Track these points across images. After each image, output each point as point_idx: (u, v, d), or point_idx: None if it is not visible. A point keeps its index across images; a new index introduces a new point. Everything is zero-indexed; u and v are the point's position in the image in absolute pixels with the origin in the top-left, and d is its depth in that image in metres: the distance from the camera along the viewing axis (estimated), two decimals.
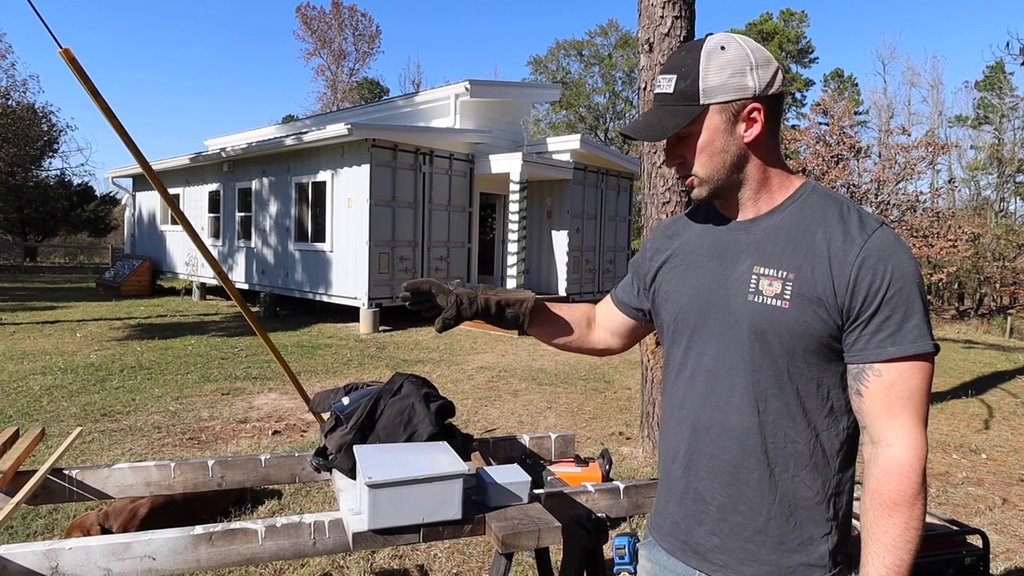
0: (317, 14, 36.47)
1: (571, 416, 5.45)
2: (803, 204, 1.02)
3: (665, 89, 1.03)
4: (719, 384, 1.04)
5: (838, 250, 0.95)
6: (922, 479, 0.92)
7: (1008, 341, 13.76)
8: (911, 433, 0.93)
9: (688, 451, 1.08)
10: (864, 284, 0.93)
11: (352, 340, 9.07)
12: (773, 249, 1.01)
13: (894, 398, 0.93)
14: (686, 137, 1.03)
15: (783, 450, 1.00)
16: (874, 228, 0.96)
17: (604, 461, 3.08)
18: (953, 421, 5.64)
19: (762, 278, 1.00)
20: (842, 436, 1.01)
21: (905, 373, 0.93)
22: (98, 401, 5.43)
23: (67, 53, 1.75)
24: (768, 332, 0.98)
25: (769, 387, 1.00)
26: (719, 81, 0.99)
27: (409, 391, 1.58)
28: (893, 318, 0.93)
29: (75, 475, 1.64)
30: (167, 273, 15.50)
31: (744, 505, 1.02)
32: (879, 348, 0.94)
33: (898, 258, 0.94)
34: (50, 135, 24.85)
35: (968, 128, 32.48)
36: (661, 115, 1.03)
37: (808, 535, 1.00)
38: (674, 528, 1.10)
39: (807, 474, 1.00)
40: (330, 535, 1.33)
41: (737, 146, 1.01)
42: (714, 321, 1.05)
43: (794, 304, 0.96)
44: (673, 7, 4.14)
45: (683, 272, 1.12)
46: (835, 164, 18.14)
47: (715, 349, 1.04)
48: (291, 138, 11.03)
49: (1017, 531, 3.43)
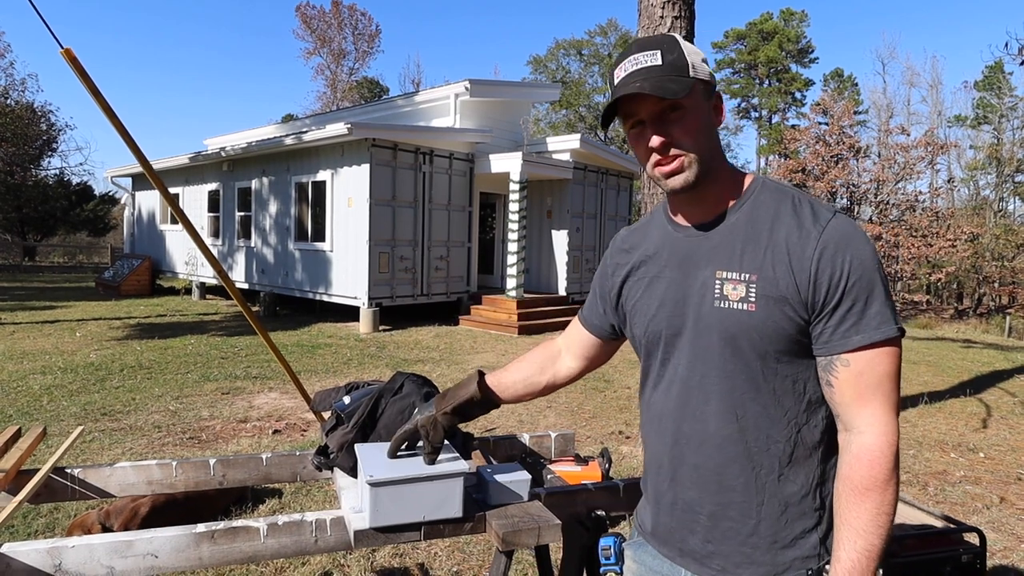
0: (317, 13, 36.46)
1: (571, 415, 5.45)
2: (756, 202, 1.02)
3: (652, 62, 0.97)
4: (693, 394, 1.04)
5: (796, 245, 0.95)
6: (893, 464, 0.93)
7: (1006, 340, 13.78)
8: (882, 420, 0.94)
9: (671, 463, 1.08)
10: (825, 277, 0.93)
11: (352, 339, 9.08)
12: (733, 252, 1.00)
13: (863, 386, 0.94)
14: (673, 111, 0.98)
15: (766, 452, 1.00)
16: (828, 218, 0.96)
17: (604, 460, 3.09)
18: (951, 420, 5.65)
19: (726, 282, 0.99)
20: (821, 426, 1.01)
21: (872, 360, 0.93)
22: (98, 400, 5.44)
23: (68, 53, 1.76)
24: (738, 337, 0.98)
25: (745, 392, 0.99)
26: (698, 61, 0.99)
27: (410, 390, 1.58)
28: (855, 307, 0.93)
29: (77, 474, 1.65)
30: (167, 273, 15.49)
31: (733, 511, 1.02)
32: (844, 338, 0.94)
33: (855, 246, 0.94)
34: (49, 134, 24.82)
35: (967, 128, 32.50)
36: (659, 81, 0.95)
37: (800, 529, 1.01)
38: (668, 536, 1.11)
39: (791, 470, 1.00)
40: (332, 533, 1.33)
41: (715, 129, 1.02)
42: (684, 331, 1.04)
43: (760, 305, 0.96)
44: (673, 7, 4.15)
45: (647, 284, 1.11)
46: (835, 164, 18.15)
47: (687, 359, 1.04)
48: (291, 137, 11.03)
49: (1014, 529, 3.44)
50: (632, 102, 0.99)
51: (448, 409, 1.29)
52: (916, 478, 4.22)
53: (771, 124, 39.74)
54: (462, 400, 1.29)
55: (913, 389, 6.84)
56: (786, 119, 39.46)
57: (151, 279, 15.16)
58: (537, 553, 1.56)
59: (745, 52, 39.89)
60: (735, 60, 40.50)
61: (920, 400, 6.29)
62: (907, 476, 4.25)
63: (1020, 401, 6.49)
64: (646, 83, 0.96)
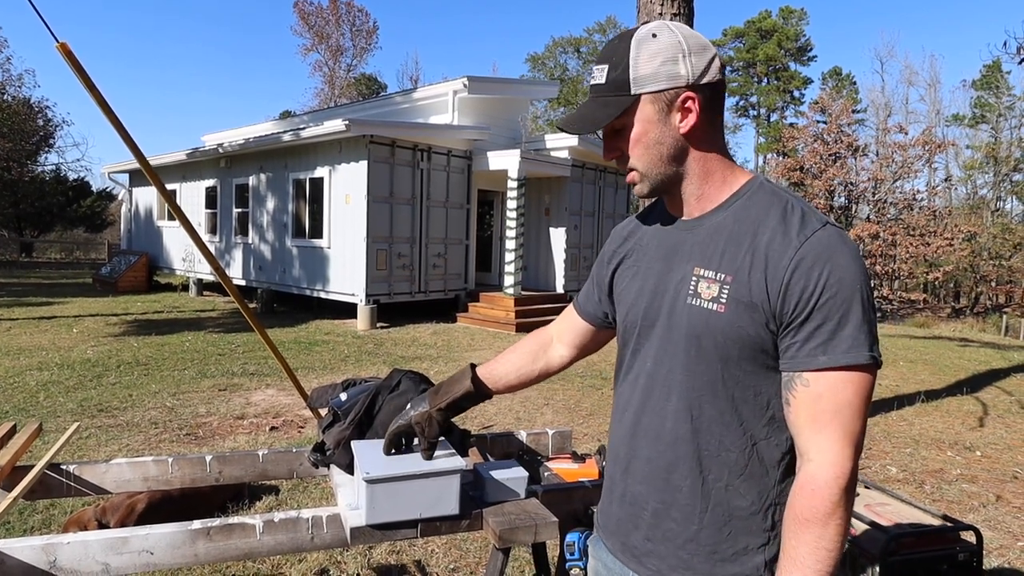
0: (315, 9, 36.31)
1: (568, 413, 5.46)
2: (747, 202, 0.98)
3: (598, 80, 0.98)
4: (657, 388, 1.02)
5: (775, 252, 0.91)
6: (839, 499, 0.86)
7: (1003, 339, 13.82)
8: (832, 449, 0.87)
9: (627, 454, 1.07)
10: (796, 289, 0.88)
11: (349, 336, 9.07)
12: (714, 250, 0.97)
13: (819, 411, 0.88)
14: (621, 129, 0.99)
15: (717, 457, 0.97)
16: (814, 229, 0.90)
17: (601, 457, 3.09)
18: (948, 418, 5.67)
19: (701, 280, 0.97)
20: (784, 447, 0.96)
21: (835, 385, 0.87)
22: (95, 397, 5.43)
23: (64, 48, 1.75)
24: (703, 336, 0.95)
25: (704, 393, 0.97)
26: (650, 70, 0.94)
27: (407, 387, 1.58)
28: (826, 326, 0.87)
29: (73, 470, 1.64)
30: (164, 269, 15.47)
31: (677, 512, 1.00)
32: (809, 357, 0.88)
33: (836, 261, 0.88)
34: (46, 130, 24.71)
35: (965, 127, 32.56)
36: (594, 107, 0.98)
37: (743, 545, 0.97)
38: (617, 528, 1.10)
39: (742, 483, 0.96)
40: (328, 530, 1.33)
41: (673, 137, 0.97)
42: (656, 324, 1.03)
43: (729, 308, 0.93)
44: (671, 4, 4.14)
45: (633, 273, 1.10)
46: (833, 162, 18.17)
47: (656, 352, 1.02)
48: (288, 134, 11.00)
49: (1010, 528, 3.45)
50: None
51: (443, 405, 1.29)
52: (913, 476, 4.23)
53: (769, 122, 39.77)
54: (456, 396, 1.29)
55: (910, 387, 6.85)
56: (784, 117, 39.50)
57: (148, 275, 15.14)
58: (534, 550, 1.56)
59: (744, 50, 39.89)
60: (734, 58, 40.49)
61: (917, 398, 6.31)
62: (904, 474, 4.26)
63: (1017, 400, 6.51)
64: (570, 117, 1.00)
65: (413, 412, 1.30)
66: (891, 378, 7.40)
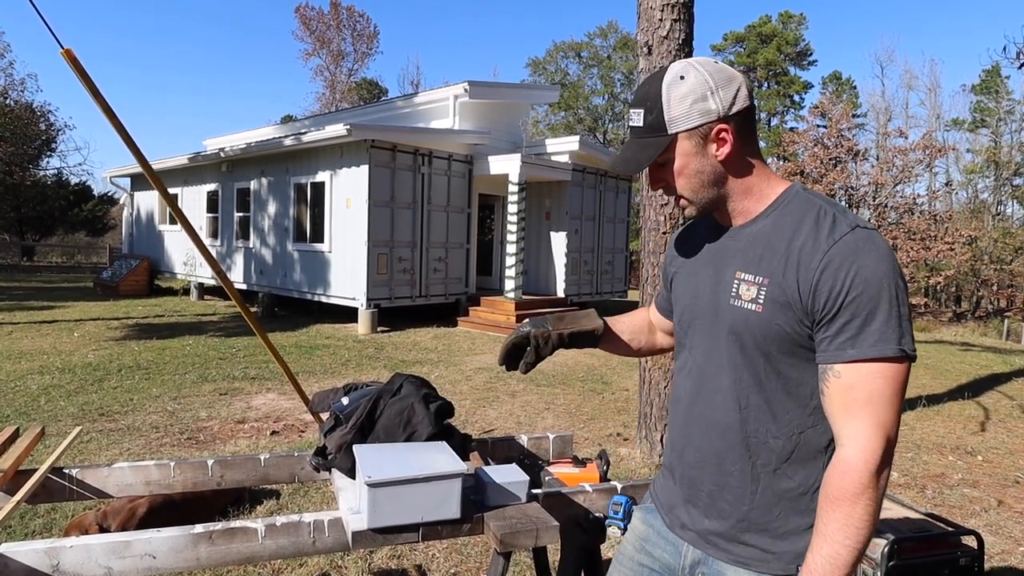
0: (316, 14, 36.45)
1: (569, 417, 5.45)
2: (784, 210, 1.07)
3: (636, 123, 1.09)
4: (708, 381, 1.12)
5: (807, 255, 0.99)
6: (868, 480, 0.93)
7: (1004, 344, 13.81)
8: (864, 435, 0.94)
9: (681, 441, 1.18)
10: (825, 289, 0.96)
11: (350, 340, 9.07)
12: (753, 255, 1.06)
13: (851, 400, 0.96)
14: (664, 164, 1.09)
15: (764, 444, 1.05)
16: (843, 232, 0.98)
17: (602, 462, 3.09)
18: (949, 423, 5.66)
19: (742, 283, 1.06)
20: (829, 434, 1.03)
21: (865, 376, 0.95)
22: (96, 401, 5.43)
23: (69, 54, 1.76)
24: (744, 334, 1.05)
25: (750, 385, 1.06)
26: (682, 111, 1.04)
27: (408, 391, 1.58)
28: (854, 322, 0.95)
29: (75, 474, 1.65)
30: (165, 273, 15.48)
31: (729, 494, 1.09)
32: (839, 350, 0.96)
33: (863, 262, 0.95)
34: (48, 134, 24.78)
35: (965, 131, 32.58)
36: (636, 148, 1.09)
37: (794, 525, 1.05)
38: (674, 507, 1.20)
39: (789, 467, 1.05)
40: (329, 534, 1.33)
41: (712, 165, 1.07)
42: (705, 322, 1.13)
43: (766, 308, 1.02)
44: (672, 10, 4.16)
45: (687, 277, 1.21)
46: (833, 167, 18.18)
47: (705, 348, 1.13)
48: (290, 138, 11.03)
49: (1012, 532, 3.45)
50: None
51: (566, 332, 1.31)
52: (914, 481, 4.22)
53: (770, 127, 39.81)
54: (584, 328, 1.32)
55: (911, 392, 6.85)
56: (785, 122, 39.53)
57: (149, 279, 15.15)
58: (535, 555, 1.56)
59: (744, 55, 39.97)
60: (734, 63, 40.56)
61: (919, 403, 6.30)
62: (905, 479, 4.25)
63: (1018, 404, 6.50)
64: (617, 160, 1.13)
65: (532, 327, 1.31)
66: None
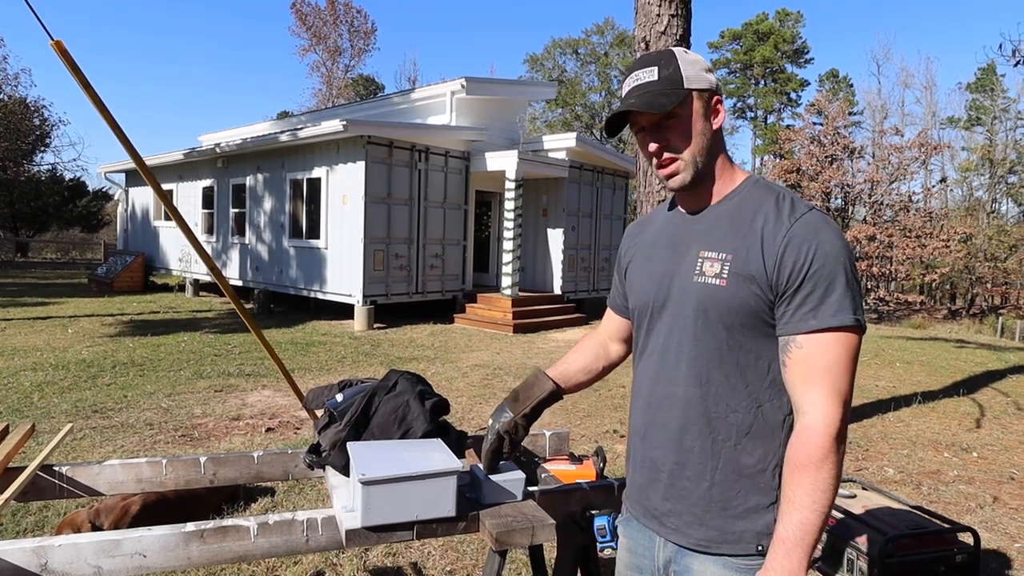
0: (312, 10, 36.24)
1: (565, 414, 5.45)
2: (745, 195, 1.12)
3: (649, 78, 1.10)
4: (669, 359, 1.14)
5: (769, 232, 1.05)
6: (831, 445, 0.96)
7: (999, 340, 13.86)
8: (823, 402, 0.98)
9: (644, 423, 1.19)
10: (789, 261, 1.01)
11: (346, 337, 9.05)
12: (717, 234, 1.11)
13: (811, 369, 0.99)
14: (669, 119, 1.10)
15: (725, 419, 1.08)
16: (802, 212, 1.05)
17: (598, 459, 3.08)
18: (945, 420, 5.67)
19: (705, 260, 1.10)
20: (785, 409, 1.07)
21: (823, 345, 0.99)
22: (89, 397, 5.40)
23: (59, 45, 1.73)
24: (709, 308, 1.08)
25: (711, 359, 1.08)
26: (694, 72, 1.10)
27: (404, 388, 1.57)
28: (815, 293, 1.00)
29: (65, 472, 1.63)
30: (160, 269, 15.42)
31: (689, 471, 1.11)
32: (801, 321, 1.01)
33: (822, 237, 1.01)
34: (42, 129, 24.62)
35: (960, 129, 32.66)
36: (652, 96, 1.09)
37: (754, 503, 1.07)
38: (638, 494, 1.21)
39: (749, 442, 1.07)
40: (323, 532, 1.32)
41: (711, 131, 1.12)
42: (668, 303, 1.15)
43: (730, 282, 1.06)
44: (669, 5, 4.14)
45: (643, 263, 1.23)
46: (829, 164, 18.21)
47: (667, 328, 1.15)
48: (286, 134, 10.98)
49: (1007, 529, 3.46)
50: (634, 113, 1.12)
51: (527, 411, 1.34)
52: (910, 477, 4.23)
53: (766, 124, 39.85)
54: (540, 398, 1.35)
55: (907, 389, 6.86)
56: (781, 119, 39.58)
57: (144, 276, 15.09)
58: (531, 553, 1.55)
59: (741, 52, 39.98)
60: (731, 60, 40.57)
61: (914, 400, 6.32)
62: (901, 475, 4.26)
63: (1013, 401, 6.52)
64: (639, 100, 1.10)
65: (498, 424, 1.34)
66: (888, 379, 7.41)
